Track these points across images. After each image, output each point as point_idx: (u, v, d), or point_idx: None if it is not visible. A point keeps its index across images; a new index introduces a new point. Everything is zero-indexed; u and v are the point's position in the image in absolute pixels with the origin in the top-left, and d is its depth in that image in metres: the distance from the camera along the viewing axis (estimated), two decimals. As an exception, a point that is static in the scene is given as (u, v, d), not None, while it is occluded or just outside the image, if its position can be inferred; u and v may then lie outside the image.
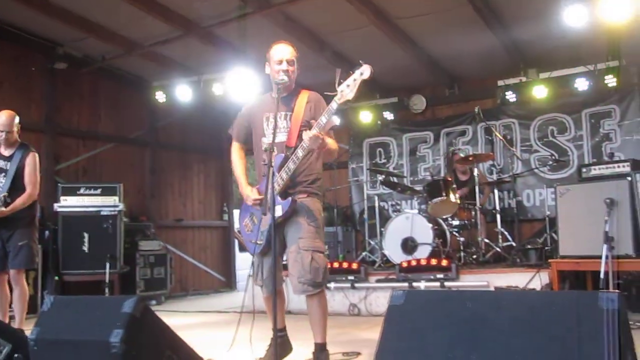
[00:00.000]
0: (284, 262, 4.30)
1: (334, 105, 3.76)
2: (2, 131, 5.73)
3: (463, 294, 2.18)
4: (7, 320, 5.60)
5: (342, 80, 3.77)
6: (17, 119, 5.84)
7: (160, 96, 9.51)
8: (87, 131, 9.84)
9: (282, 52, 4.07)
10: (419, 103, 10.11)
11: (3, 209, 5.51)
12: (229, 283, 11.80)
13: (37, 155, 5.90)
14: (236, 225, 12.37)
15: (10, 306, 5.85)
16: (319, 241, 3.97)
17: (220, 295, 11.04)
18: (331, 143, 3.96)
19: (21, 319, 5.69)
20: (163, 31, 8.50)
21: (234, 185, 12.49)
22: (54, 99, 9.37)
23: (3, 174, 5.72)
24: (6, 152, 5.80)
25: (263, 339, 4.32)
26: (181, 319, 7.37)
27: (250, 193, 4.08)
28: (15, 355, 3.76)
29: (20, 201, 5.63)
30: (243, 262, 12.52)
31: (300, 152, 3.85)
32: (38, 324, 3.15)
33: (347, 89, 3.74)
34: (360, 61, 3.79)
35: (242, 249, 13.07)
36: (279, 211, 3.79)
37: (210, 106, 10.10)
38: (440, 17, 7.90)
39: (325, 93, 4.02)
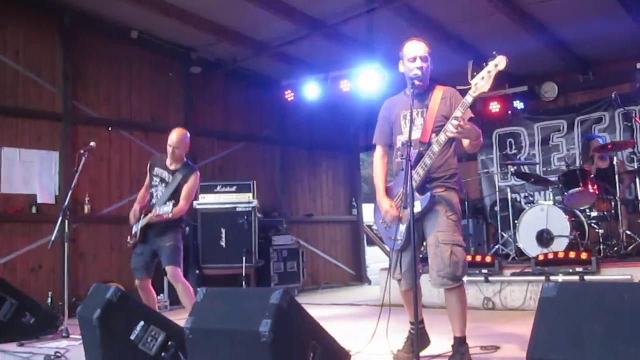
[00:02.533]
0: (421, 256, 4.32)
1: (469, 98, 3.71)
2: (171, 146, 5.83)
3: (619, 286, 2.11)
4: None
5: (475, 73, 3.72)
6: (188, 139, 5.93)
7: (288, 95, 9.80)
8: (220, 131, 10.29)
9: (415, 49, 4.06)
10: (550, 90, 9.77)
11: (168, 213, 5.53)
12: (359, 276, 11.92)
13: (198, 176, 5.96)
14: (368, 221, 12.44)
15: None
16: (457, 234, 3.95)
17: (350, 288, 11.18)
18: (472, 133, 3.88)
19: None
20: (290, 31, 8.73)
21: (362, 180, 12.62)
22: (190, 102, 9.87)
23: (165, 184, 5.86)
24: (172, 166, 5.90)
25: (400, 331, 4.35)
26: (316, 312, 7.46)
27: (388, 208, 4.08)
28: (169, 342, 4.02)
29: (174, 211, 5.61)
30: (372, 255, 12.64)
31: (436, 147, 3.84)
32: (192, 313, 3.35)
33: (481, 82, 3.69)
34: (494, 52, 3.72)
35: (371, 242, 13.21)
36: (417, 207, 3.79)
37: (338, 102, 10.24)
38: (572, 1, 7.59)
39: (458, 87, 3.99)
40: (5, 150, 7.99)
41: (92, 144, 6.34)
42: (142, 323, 4.00)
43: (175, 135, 5.85)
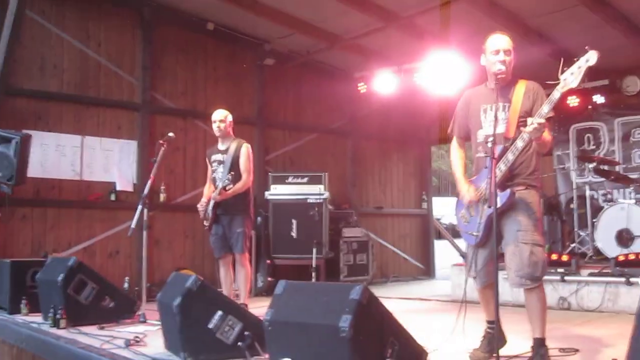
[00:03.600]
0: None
1: (556, 94, 3.63)
2: (215, 121, 6.46)
3: None
4: (231, 298, 6.11)
5: (565, 68, 3.62)
6: (230, 115, 6.52)
7: (361, 87, 9.81)
8: (292, 123, 10.37)
9: (499, 42, 4.00)
10: (632, 85, 9.38)
11: (229, 187, 6.12)
12: (427, 271, 11.83)
13: (249, 146, 6.48)
14: (437, 215, 12.26)
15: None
16: (537, 234, 3.87)
17: (419, 282, 11.09)
18: (546, 134, 3.83)
19: (245, 295, 6.25)
20: (364, 23, 8.69)
21: (433, 174, 12.47)
22: (263, 94, 9.98)
23: (222, 165, 6.36)
24: (222, 147, 6.48)
25: (475, 329, 4.31)
26: (386, 305, 7.52)
27: (466, 192, 4.05)
28: (246, 333, 4.10)
29: (238, 186, 6.22)
30: (441, 250, 12.52)
31: (519, 143, 3.77)
32: (272, 306, 3.40)
33: (570, 77, 3.60)
34: (586, 47, 3.61)
35: (440, 236, 13.09)
36: (497, 203, 3.73)
37: (410, 95, 10.15)
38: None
39: (546, 82, 3.89)
40: (87, 139, 8.28)
41: (170, 134, 6.53)
42: (220, 312, 4.09)
43: (215, 113, 6.50)
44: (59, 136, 8.09)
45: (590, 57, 3.57)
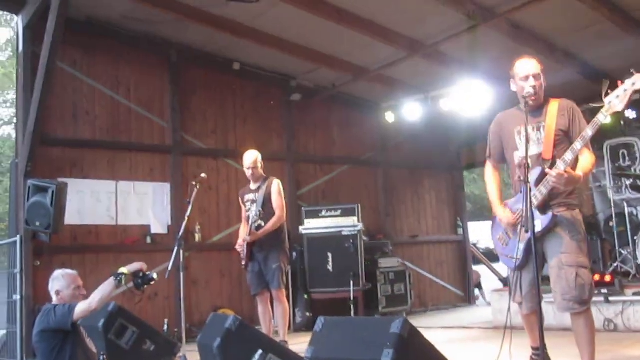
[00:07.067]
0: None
1: (601, 117, 3.61)
2: (248, 168, 6.57)
3: None
4: (271, 335, 6.10)
5: (609, 91, 3.59)
6: (259, 157, 6.63)
7: (389, 116, 9.84)
8: (322, 156, 10.39)
9: (527, 67, 3.98)
10: (664, 97, 9.23)
11: (257, 224, 6.26)
12: (466, 298, 11.65)
13: (280, 182, 6.59)
14: (475, 240, 12.13)
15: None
16: (583, 256, 3.79)
17: (459, 310, 10.92)
18: (589, 155, 3.85)
19: (284, 332, 6.23)
20: (389, 54, 8.74)
21: (467, 199, 12.36)
22: (291, 129, 10.04)
23: (255, 204, 6.44)
24: (254, 187, 6.61)
25: (520, 357, 4.21)
26: (427, 336, 7.40)
27: (503, 215, 4.03)
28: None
29: (270, 224, 6.33)
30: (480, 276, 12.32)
31: (562, 165, 3.72)
32: (312, 343, 3.37)
33: (616, 100, 3.57)
34: (632, 70, 3.58)
35: (477, 261, 12.88)
36: (538, 226, 3.67)
37: (438, 122, 10.14)
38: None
39: (591, 105, 3.88)
40: (121, 184, 8.39)
41: (203, 175, 6.62)
42: (260, 351, 4.06)
43: (247, 158, 6.60)
44: (93, 182, 8.21)
45: (637, 81, 3.54)
